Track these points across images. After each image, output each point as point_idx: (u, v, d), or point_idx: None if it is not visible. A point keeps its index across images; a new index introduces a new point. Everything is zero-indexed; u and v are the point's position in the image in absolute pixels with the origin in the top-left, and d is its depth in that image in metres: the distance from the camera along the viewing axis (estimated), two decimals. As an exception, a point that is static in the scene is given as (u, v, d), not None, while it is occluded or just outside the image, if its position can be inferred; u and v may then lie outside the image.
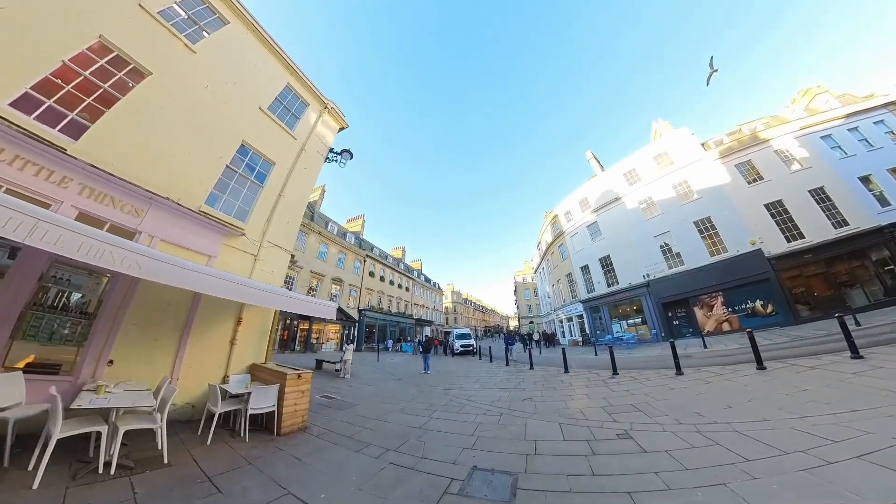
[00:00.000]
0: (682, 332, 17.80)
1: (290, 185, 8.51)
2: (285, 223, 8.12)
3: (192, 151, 6.36)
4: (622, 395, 6.02)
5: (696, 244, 18.01)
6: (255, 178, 7.80)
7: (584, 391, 6.65)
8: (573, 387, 7.22)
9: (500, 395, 6.84)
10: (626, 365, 9.87)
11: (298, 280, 22.18)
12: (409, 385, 9.17)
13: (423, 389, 8.36)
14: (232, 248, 6.62)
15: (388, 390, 8.34)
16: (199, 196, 6.29)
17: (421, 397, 7.20)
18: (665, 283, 18.21)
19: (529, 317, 50.04)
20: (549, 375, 9.23)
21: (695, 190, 19.02)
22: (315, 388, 8.72)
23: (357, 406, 6.50)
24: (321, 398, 7.38)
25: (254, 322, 6.55)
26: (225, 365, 5.99)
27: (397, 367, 14.73)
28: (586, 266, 23.19)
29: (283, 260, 7.81)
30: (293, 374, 5.17)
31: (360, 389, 8.47)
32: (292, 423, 4.92)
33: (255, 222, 7.35)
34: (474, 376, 10.46)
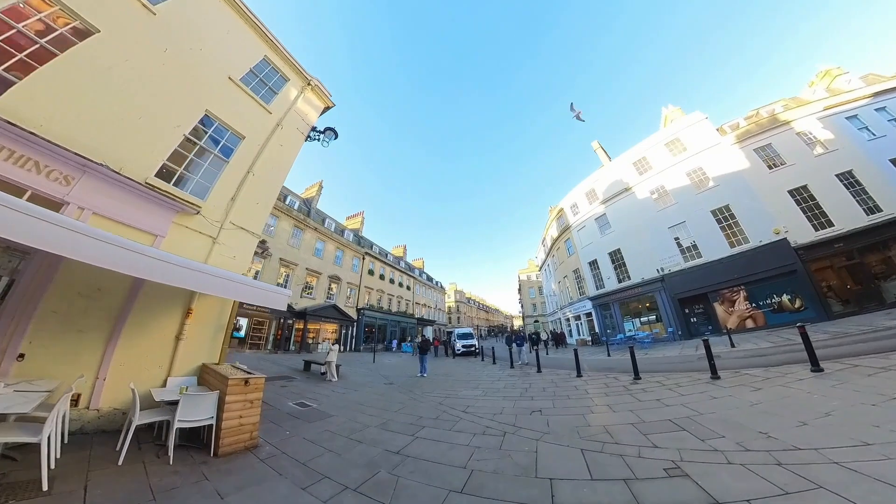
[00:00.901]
0: (701, 329, 16.51)
1: (262, 162, 7.67)
2: (254, 203, 7.19)
3: (143, 118, 5.59)
4: (653, 406, 4.90)
5: (715, 235, 16.73)
6: (219, 152, 6.97)
7: (604, 401, 5.53)
8: (590, 395, 6.11)
9: (504, 406, 5.78)
10: (647, 367, 8.71)
11: (293, 278, 21.31)
12: (400, 391, 8.13)
13: (415, 396, 7.31)
14: (184, 228, 5.76)
15: (374, 397, 7.30)
16: (149, 167, 5.48)
17: (410, 407, 6.14)
18: (681, 277, 16.95)
19: (534, 316, 48.74)
20: (559, 380, 8.11)
21: (711, 177, 17.74)
22: (292, 393, 7.78)
23: (331, 418, 5.47)
24: (294, 405, 6.39)
25: (207, 314, 5.60)
26: (168, 364, 5.08)
27: (393, 369, 13.70)
28: (595, 261, 21.94)
29: (248, 244, 6.87)
30: (237, 379, 4.16)
31: (343, 396, 7.44)
32: (236, 440, 3.93)
33: (216, 200, 6.47)
34: (475, 380, 9.41)
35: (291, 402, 6.67)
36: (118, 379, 4.45)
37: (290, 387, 8.57)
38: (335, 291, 24.69)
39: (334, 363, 9.85)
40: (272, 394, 7.56)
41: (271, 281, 19.72)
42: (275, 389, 8.12)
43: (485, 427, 4.44)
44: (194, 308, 5.42)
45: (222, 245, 6.27)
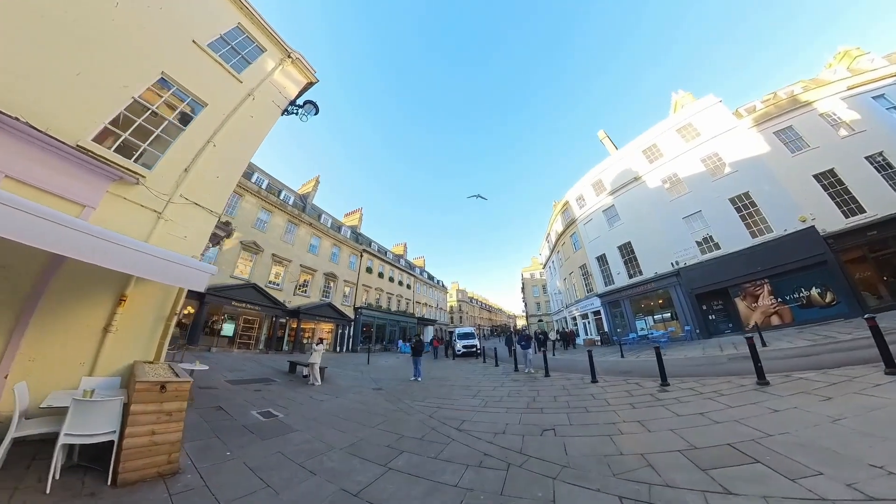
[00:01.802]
0: (720, 328, 15.30)
1: (227, 133, 6.84)
2: (213, 177, 6.28)
3: (81, 74, 4.82)
4: (699, 423, 3.82)
5: (734, 224, 15.50)
6: (175, 119, 6.18)
7: (632, 415, 4.45)
8: (613, 407, 5.02)
9: (508, 422, 4.72)
10: (671, 370, 7.56)
11: (287, 275, 20.42)
12: (386, 398, 7.10)
13: (403, 406, 6.27)
14: (122, 200, 4.92)
15: (354, 406, 6.28)
16: (84, 129, 4.68)
17: (393, 421, 5.11)
18: (698, 270, 15.74)
19: (538, 315, 47.47)
20: (572, 387, 7.02)
21: (727, 163, 16.53)
22: (262, 399, 6.67)
23: (293, 434, 4.47)
24: (257, 415, 5.41)
25: (145, 303, 4.70)
26: (91, 361, 4.17)
27: (386, 371, 12.71)
28: (603, 256, 20.75)
29: (204, 223, 5.96)
30: (148, 382, 3.17)
31: (319, 404, 6.44)
32: (146, 464, 2.97)
33: (166, 171, 5.63)
34: (475, 386, 8.35)
35: (255, 411, 5.69)
36: (27, 378, 3.57)
37: (265, 391, 7.61)
38: (331, 289, 23.77)
39: (318, 365, 8.86)
40: (240, 399, 6.62)
41: (263, 278, 18.87)
42: (246, 394, 7.17)
43: (482, 455, 3.39)
44: (129, 295, 4.53)
45: (170, 222, 5.38)
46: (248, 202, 19.45)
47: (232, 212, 18.48)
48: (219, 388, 7.64)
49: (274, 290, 19.17)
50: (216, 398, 6.64)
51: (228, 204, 18.56)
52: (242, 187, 19.21)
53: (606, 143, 23.83)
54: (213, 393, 7.08)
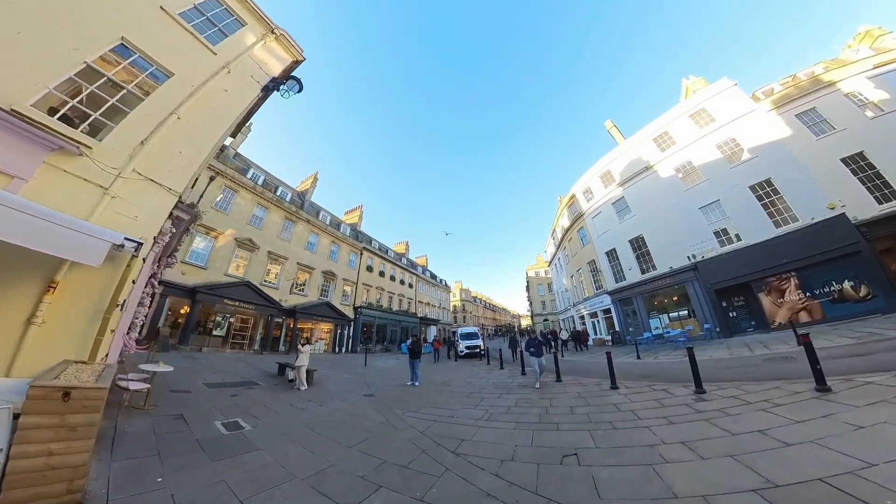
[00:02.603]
0: (742, 325, 14.24)
1: (195, 105, 6.22)
2: (175, 153, 5.61)
3: (23, 33, 4.32)
4: (763, 445, 2.93)
5: (755, 214, 14.43)
6: (134, 87, 5.57)
7: (672, 434, 3.57)
8: (644, 421, 4.15)
9: (517, 442, 3.87)
10: (701, 374, 6.69)
11: (283, 273, 19.78)
12: (377, 407, 6.29)
13: (393, 418, 5.46)
14: (61, 172, 4.29)
15: (336, 418, 5.48)
16: (23, 93, 4.15)
17: (377, 439, 4.30)
18: (717, 264, 14.68)
19: (543, 314, 46.38)
20: (589, 394, 6.14)
21: (746, 148, 15.46)
22: (235, 406, 5.81)
23: (251, 454, 3.68)
24: (219, 426, 4.66)
25: (81, 291, 4.03)
26: (8, 359, 3.52)
27: (383, 375, 11.93)
28: (613, 251, 19.72)
29: (160, 202, 5.29)
30: (47, 387, 2.44)
31: (298, 414, 5.66)
32: (39, 494, 2.32)
33: (118, 142, 4.97)
34: (477, 393, 7.47)
35: (221, 422, 4.92)
36: None
37: (243, 396, 6.87)
38: (330, 288, 23.10)
39: (305, 368, 8.09)
40: (209, 406, 5.88)
41: (258, 276, 18.26)
42: (219, 400, 6.43)
43: (484, 495, 2.56)
44: (60, 281, 3.83)
45: (118, 199, 4.71)
46: (242, 198, 18.87)
47: (226, 208, 17.93)
48: (192, 392, 6.92)
49: (269, 288, 18.54)
50: (184, 404, 5.91)
51: (224, 200, 18.01)
52: (237, 183, 18.65)
53: (614, 132, 22.79)
54: (183, 398, 6.36)
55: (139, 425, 4.63)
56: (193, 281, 15.45)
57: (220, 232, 17.17)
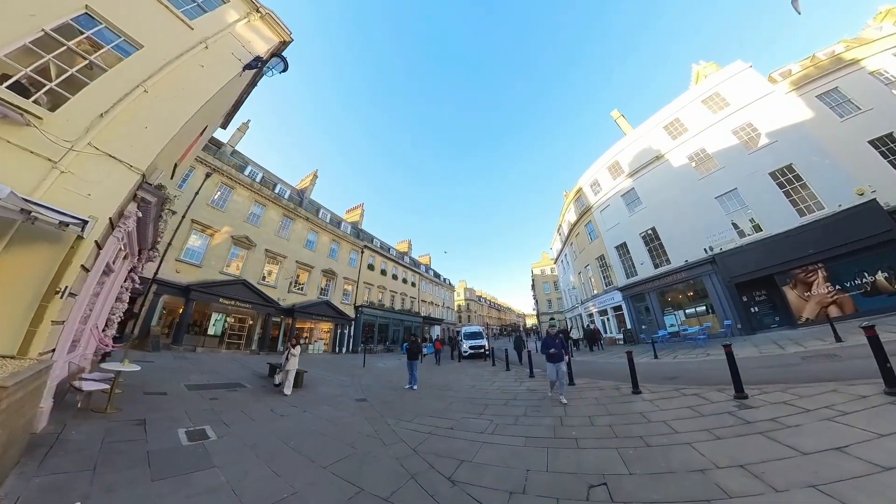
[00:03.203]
0: (765, 321, 13.32)
1: (167, 80, 5.79)
2: (140, 128, 5.10)
3: None
4: (851, 469, 2.23)
5: (777, 202, 13.52)
6: (97, 58, 5.12)
7: (723, 452, 2.85)
8: (682, 434, 3.43)
9: (529, 465, 3.15)
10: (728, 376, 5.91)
11: (281, 272, 19.29)
12: (367, 416, 5.61)
13: (382, 429, 4.79)
14: (4, 143, 3.77)
15: (318, 428, 4.83)
16: None
17: (359, 457, 3.64)
18: (737, 256, 13.77)
19: (550, 313, 45.35)
20: (609, 400, 5.41)
21: (764, 133, 14.57)
22: (209, 411, 5.14)
23: (203, 473, 3.05)
24: (182, 435, 4.08)
25: (14, 273, 3.47)
26: None
27: (381, 377, 11.26)
28: (623, 245, 18.85)
29: (120, 180, 4.79)
30: None
31: (274, 422, 5.01)
32: None
33: (75, 114, 4.45)
34: (481, 398, 6.77)
35: (185, 429, 4.31)
36: None
37: (223, 400, 6.26)
38: (330, 287, 22.57)
39: (293, 371, 7.46)
40: (181, 410, 5.29)
41: (256, 274, 17.78)
42: (195, 403, 5.84)
43: None
44: None
45: (68, 174, 4.20)
46: (239, 195, 18.43)
47: (222, 205, 17.50)
48: (169, 395, 6.33)
49: (267, 287, 18.05)
50: (153, 407, 5.33)
51: (221, 197, 17.58)
52: (234, 180, 18.22)
53: (621, 122, 21.94)
54: (155, 400, 5.78)
55: (89, 432, 4.04)
56: (188, 279, 15.00)
57: (217, 229, 16.72)
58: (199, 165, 16.89)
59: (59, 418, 4.32)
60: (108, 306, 7.46)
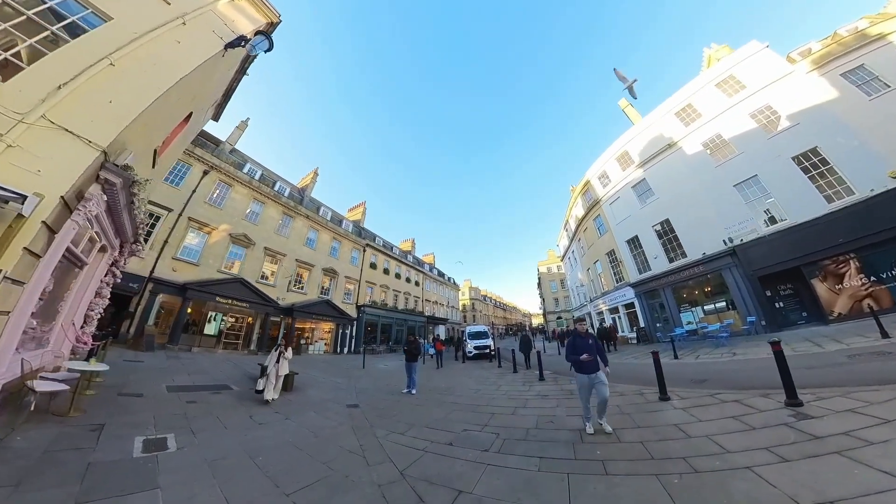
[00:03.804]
0: (791, 317, 12.39)
1: (137, 54, 5.40)
2: (103, 102, 4.67)
3: None
4: None
5: (802, 188, 12.58)
6: (60, 28, 4.59)
7: (801, 483, 2.16)
8: (735, 454, 2.75)
9: (549, 499, 2.46)
10: (767, 378, 5.14)
11: (281, 270, 18.90)
12: (356, 424, 5.02)
13: (369, 442, 4.18)
14: None
15: (295, 440, 4.24)
16: None
17: (334, 480, 3.05)
18: (760, 248, 12.86)
19: (557, 312, 44.38)
20: (633, 408, 4.67)
21: (785, 115, 13.65)
22: (180, 417, 4.60)
23: (142, 495, 2.53)
24: (139, 444, 3.64)
25: None
26: None
27: (379, 379, 10.66)
28: (635, 238, 17.97)
29: (76, 157, 4.38)
30: None
31: (251, 431, 4.45)
32: None
33: (29, 85, 4.02)
34: (486, 405, 6.07)
35: (144, 437, 3.79)
36: None
37: (201, 404, 5.75)
38: (331, 286, 22.13)
39: (280, 375, 6.78)
40: (149, 414, 4.80)
41: (254, 273, 17.41)
42: (169, 407, 5.33)
43: None
44: None
45: (17, 149, 3.76)
46: (238, 193, 18.09)
47: (220, 203, 17.17)
48: (145, 397, 5.84)
49: (266, 286, 17.66)
50: (120, 411, 4.83)
51: (219, 196, 17.26)
52: (232, 177, 17.89)
53: (629, 112, 21.06)
54: (128, 403, 5.29)
55: (36, 439, 3.53)
56: (185, 278, 14.67)
57: (214, 227, 16.39)
58: (197, 163, 16.61)
59: (8, 422, 3.84)
60: (86, 302, 7.03)
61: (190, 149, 16.40)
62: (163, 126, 7.04)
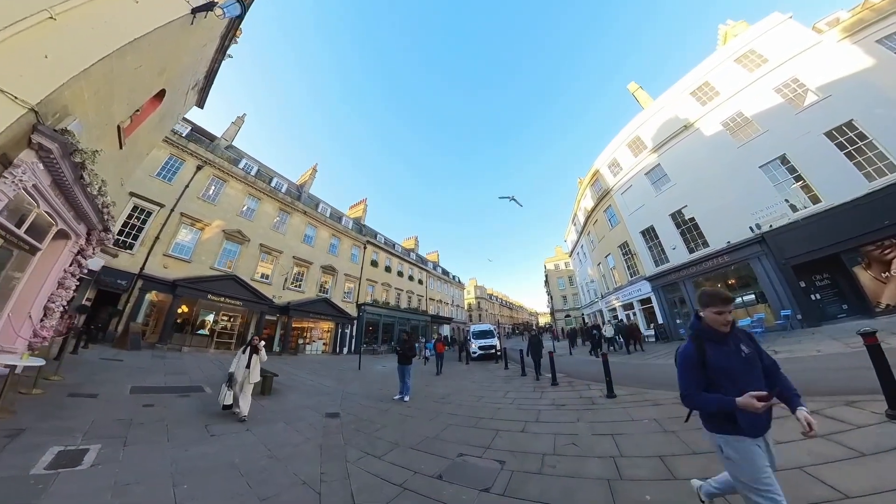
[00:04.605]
0: (830, 310, 11.16)
1: (84, 11, 4.61)
2: (38, 56, 3.95)
3: None
4: None
5: (838, 166, 11.37)
6: None
7: None
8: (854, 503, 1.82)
9: None
10: (834, 381, 4.13)
11: (276, 267, 18.27)
12: (327, 441, 4.16)
13: (334, 470, 3.32)
14: None
15: (241, 461, 3.44)
16: None
17: None
18: (792, 234, 11.66)
19: (565, 310, 43.00)
20: (675, 422, 3.68)
21: (814, 88, 12.46)
22: (132, 422, 4.04)
23: None
24: (48, 457, 2.89)
25: None
26: None
27: (374, 382, 9.81)
28: (650, 229, 16.82)
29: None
30: None
31: (189, 447, 3.64)
32: None
33: None
34: (489, 417, 5.07)
35: (61, 447, 3.09)
36: None
37: (158, 407, 5.03)
38: (329, 284, 21.45)
39: (252, 382, 5.21)
40: (88, 418, 4.12)
41: (249, 270, 16.81)
42: (122, 410, 4.68)
43: None
44: None
45: None
46: (232, 188, 17.56)
47: (214, 199, 16.63)
48: (99, 398, 5.14)
49: (261, 283, 17.04)
50: (55, 414, 4.16)
51: (215, 191, 16.74)
52: (227, 172, 17.36)
53: (640, 95, 19.92)
54: (73, 404, 4.61)
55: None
56: (176, 275, 14.12)
57: (207, 223, 15.84)
58: (190, 158, 16.11)
59: None
60: (46, 293, 6.38)
61: (183, 143, 15.94)
62: (125, 99, 6.34)
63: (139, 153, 8.92)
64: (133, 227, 13.73)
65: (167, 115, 9.13)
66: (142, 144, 8.68)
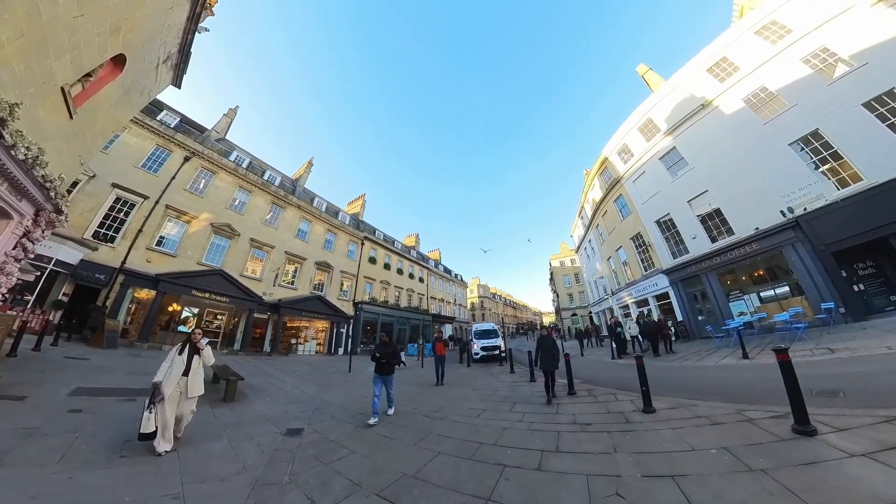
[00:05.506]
0: (876, 303, 9.92)
1: None
2: None
3: None
4: None
5: (881, 139, 10.14)
6: None
7: None
8: None
9: None
10: None
11: (267, 263, 17.41)
12: (265, 479, 3.05)
13: None
14: None
15: (127, 501, 2.41)
16: None
17: None
18: (830, 217, 10.42)
19: (571, 308, 41.60)
20: (768, 455, 2.51)
21: (847, 56, 11.27)
22: (27, 435, 2.77)
23: None
24: None
25: None
26: None
27: (359, 388, 8.70)
28: (666, 218, 15.60)
29: None
30: None
31: (53, 483, 2.63)
32: None
33: None
34: (493, 444, 3.73)
35: None
36: None
37: (86, 414, 4.06)
38: (324, 281, 20.54)
39: (192, 397, 3.76)
40: None
41: (238, 265, 15.97)
42: (39, 416, 3.80)
43: None
44: None
45: None
46: (222, 180, 16.77)
47: (202, 191, 15.85)
48: (25, 402, 4.30)
49: (249, 279, 16.18)
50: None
51: (202, 184, 15.97)
52: (216, 164, 16.57)
53: (650, 77, 18.77)
54: None
55: None
56: (160, 269, 13.32)
57: (194, 216, 15.05)
58: (178, 149, 15.36)
59: None
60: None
61: (170, 134, 15.19)
62: (66, 55, 5.45)
63: (102, 129, 8.06)
64: (115, 220, 12.96)
65: (133, 89, 8.26)
66: (103, 119, 7.81)
